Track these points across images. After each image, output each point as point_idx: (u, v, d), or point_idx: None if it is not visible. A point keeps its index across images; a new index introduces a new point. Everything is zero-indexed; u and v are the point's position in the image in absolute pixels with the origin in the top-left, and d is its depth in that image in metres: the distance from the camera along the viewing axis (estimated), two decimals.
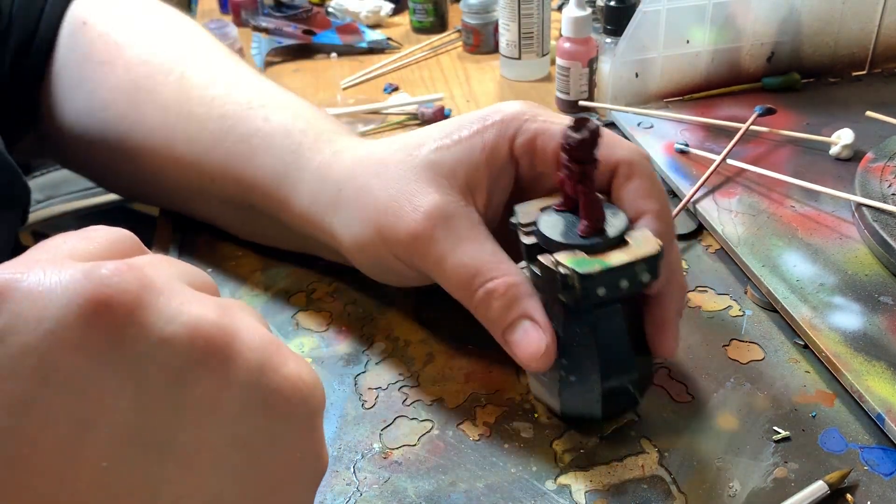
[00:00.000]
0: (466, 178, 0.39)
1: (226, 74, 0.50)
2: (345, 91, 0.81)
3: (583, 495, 0.36)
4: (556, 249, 0.35)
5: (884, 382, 0.39)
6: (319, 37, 0.90)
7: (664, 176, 0.58)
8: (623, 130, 0.65)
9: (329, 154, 0.44)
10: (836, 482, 0.36)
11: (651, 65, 0.67)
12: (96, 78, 0.52)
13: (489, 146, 0.39)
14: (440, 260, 0.38)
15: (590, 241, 0.35)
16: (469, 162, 0.39)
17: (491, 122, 0.40)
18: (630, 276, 0.34)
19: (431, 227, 0.38)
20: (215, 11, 1.07)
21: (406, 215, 0.38)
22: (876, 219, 0.49)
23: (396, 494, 0.37)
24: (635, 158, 0.38)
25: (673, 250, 0.38)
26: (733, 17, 0.67)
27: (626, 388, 0.38)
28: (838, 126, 0.60)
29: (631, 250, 0.34)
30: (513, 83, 0.80)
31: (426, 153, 0.40)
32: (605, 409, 0.38)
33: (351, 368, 0.44)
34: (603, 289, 0.34)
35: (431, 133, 0.41)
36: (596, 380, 0.37)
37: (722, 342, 0.44)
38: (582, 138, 0.33)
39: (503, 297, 0.36)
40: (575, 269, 0.33)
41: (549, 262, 0.34)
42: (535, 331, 0.36)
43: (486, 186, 0.40)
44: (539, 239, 0.36)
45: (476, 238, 0.38)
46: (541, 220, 0.37)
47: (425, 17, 0.93)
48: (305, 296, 0.50)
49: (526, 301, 0.36)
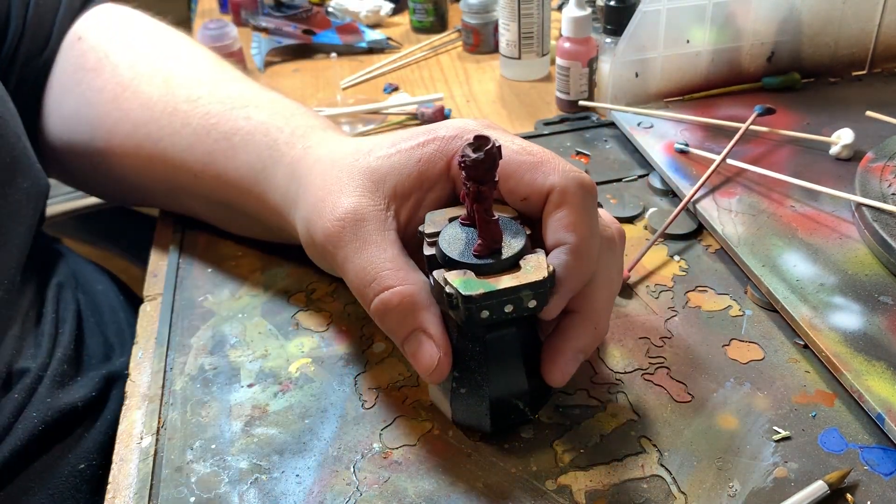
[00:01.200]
0: (395, 185, 0.39)
1: (210, 76, 0.51)
2: (345, 91, 0.81)
3: (583, 495, 0.36)
4: (449, 266, 0.34)
5: (884, 382, 0.39)
6: (319, 37, 0.90)
7: (664, 176, 0.58)
8: (623, 130, 0.65)
9: (300, 149, 0.44)
10: (836, 482, 0.36)
11: (651, 64, 0.67)
12: (85, 82, 0.54)
13: (425, 159, 0.39)
14: (343, 262, 0.38)
15: (482, 262, 0.34)
16: (401, 171, 0.39)
17: (434, 136, 0.40)
18: (515, 302, 0.33)
19: (340, 227, 0.38)
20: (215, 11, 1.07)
21: (325, 215, 0.38)
22: (876, 219, 0.49)
23: (396, 494, 0.37)
24: (569, 186, 0.36)
25: (597, 291, 0.37)
26: (733, 17, 0.67)
27: (515, 405, 0.38)
28: (838, 126, 0.60)
29: (520, 275, 0.34)
30: (513, 83, 0.80)
31: (371, 160, 0.40)
32: (493, 422, 0.38)
33: (351, 368, 0.44)
34: (486, 311, 0.33)
35: (384, 141, 0.41)
36: (485, 395, 0.37)
37: (722, 342, 0.44)
38: (476, 158, 0.32)
39: (397, 309, 0.36)
40: (458, 290, 0.33)
41: (440, 279, 0.34)
42: (428, 344, 0.36)
43: (414, 197, 0.39)
44: (437, 252, 0.35)
45: (380, 243, 0.37)
46: (444, 232, 0.36)
47: (425, 16, 0.93)
48: (305, 296, 0.50)
49: (421, 314, 0.36)
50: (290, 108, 0.49)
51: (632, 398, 0.41)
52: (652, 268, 0.50)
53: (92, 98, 0.53)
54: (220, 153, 0.47)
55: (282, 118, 0.47)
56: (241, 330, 0.47)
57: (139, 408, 0.43)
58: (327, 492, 0.37)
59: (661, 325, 0.46)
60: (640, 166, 0.62)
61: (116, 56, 0.54)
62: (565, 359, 0.37)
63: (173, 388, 0.44)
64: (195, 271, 0.52)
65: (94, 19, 0.58)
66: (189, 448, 0.40)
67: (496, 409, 0.37)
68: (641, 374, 0.43)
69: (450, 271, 0.34)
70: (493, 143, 0.33)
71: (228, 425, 0.41)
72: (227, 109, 0.48)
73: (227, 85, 0.51)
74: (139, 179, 0.53)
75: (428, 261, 0.36)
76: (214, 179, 0.48)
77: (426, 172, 0.39)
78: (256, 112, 0.48)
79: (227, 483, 0.38)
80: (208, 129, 0.48)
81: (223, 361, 0.45)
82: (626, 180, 0.60)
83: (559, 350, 0.37)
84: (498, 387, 0.37)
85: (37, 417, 0.46)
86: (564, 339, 0.37)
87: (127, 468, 0.39)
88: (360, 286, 0.37)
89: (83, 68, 0.54)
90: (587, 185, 0.37)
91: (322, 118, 0.49)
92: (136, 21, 0.58)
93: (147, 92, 0.51)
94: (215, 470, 0.39)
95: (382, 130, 0.72)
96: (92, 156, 0.54)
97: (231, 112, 0.48)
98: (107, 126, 0.52)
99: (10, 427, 0.46)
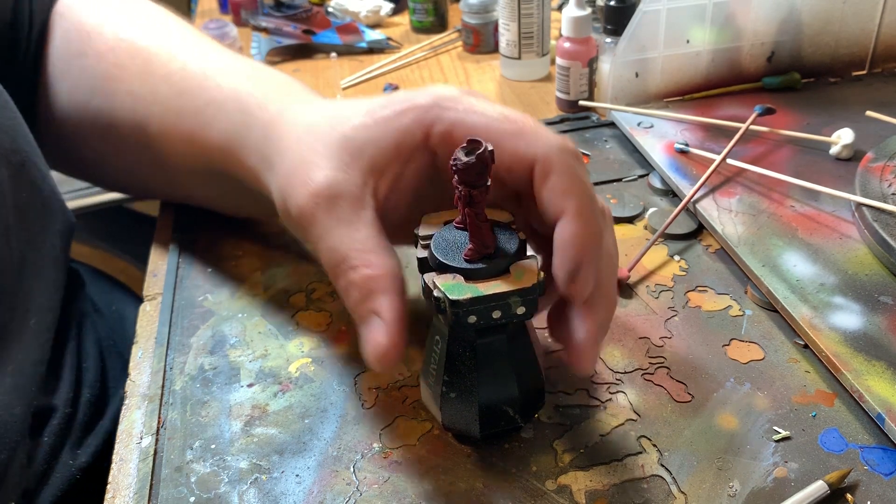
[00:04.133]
0: (371, 158, 0.37)
1: (184, 49, 0.51)
2: (345, 91, 0.81)
3: (583, 495, 0.36)
4: (440, 269, 0.34)
5: (884, 382, 0.39)
6: (319, 36, 0.90)
7: (665, 176, 0.58)
8: (623, 130, 0.65)
9: (274, 112, 0.43)
10: (836, 482, 0.36)
11: (651, 64, 0.67)
12: (73, 72, 0.53)
13: (402, 129, 0.37)
14: (316, 240, 0.37)
15: (473, 266, 0.34)
16: (378, 143, 0.37)
17: (410, 105, 0.37)
18: (503, 307, 0.33)
19: (314, 205, 0.36)
20: (215, 11, 1.07)
21: (297, 189, 0.37)
22: (876, 219, 0.49)
23: (396, 494, 0.37)
24: (552, 154, 0.35)
25: (602, 256, 0.35)
26: (733, 17, 0.67)
27: (505, 412, 0.37)
28: (838, 126, 0.60)
29: (509, 280, 0.33)
30: (513, 83, 0.80)
31: (347, 128, 0.38)
32: (483, 427, 0.37)
33: (351, 368, 0.44)
34: (474, 317, 0.33)
35: (361, 108, 0.39)
36: (474, 401, 0.36)
37: (722, 342, 0.44)
38: (468, 162, 0.32)
39: (359, 289, 0.35)
40: (446, 294, 0.33)
41: (429, 282, 0.34)
42: (378, 330, 0.34)
43: (392, 171, 0.38)
44: (429, 255, 0.35)
45: (353, 223, 0.36)
46: (438, 235, 0.35)
47: (425, 16, 0.93)
48: (305, 296, 0.50)
49: (380, 297, 0.34)
50: (263, 73, 0.47)
51: (632, 398, 0.41)
52: (652, 268, 0.50)
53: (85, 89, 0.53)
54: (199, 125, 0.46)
55: (252, 83, 0.46)
56: (240, 330, 0.47)
57: (139, 407, 0.43)
58: (327, 492, 0.37)
59: (661, 325, 0.46)
60: (640, 166, 0.62)
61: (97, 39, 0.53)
62: (590, 341, 0.35)
63: (173, 387, 0.44)
64: (195, 271, 0.52)
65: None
66: (189, 448, 0.40)
67: (486, 415, 0.37)
68: (641, 374, 0.43)
69: (440, 275, 0.34)
70: (485, 148, 0.32)
71: (228, 425, 0.41)
72: (200, 81, 0.47)
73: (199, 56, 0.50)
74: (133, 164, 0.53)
75: (420, 263, 0.35)
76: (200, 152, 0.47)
77: (404, 144, 0.37)
78: (226, 79, 0.46)
79: (227, 483, 0.38)
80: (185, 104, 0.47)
81: (223, 361, 0.45)
82: (627, 180, 0.60)
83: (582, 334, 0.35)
84: (488, 393, 0.36)
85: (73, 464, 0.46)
86: (583, 321, 0.35)
87: (127, 468, 0.39)
88: (330, 265, 0.36)
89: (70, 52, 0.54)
90: (571, 149, 0.35)
91: (302, 85, 0.47)
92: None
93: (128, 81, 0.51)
94: (215, 470, 0.39)
95: None
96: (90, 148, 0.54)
97: (203, 83, 0.47)
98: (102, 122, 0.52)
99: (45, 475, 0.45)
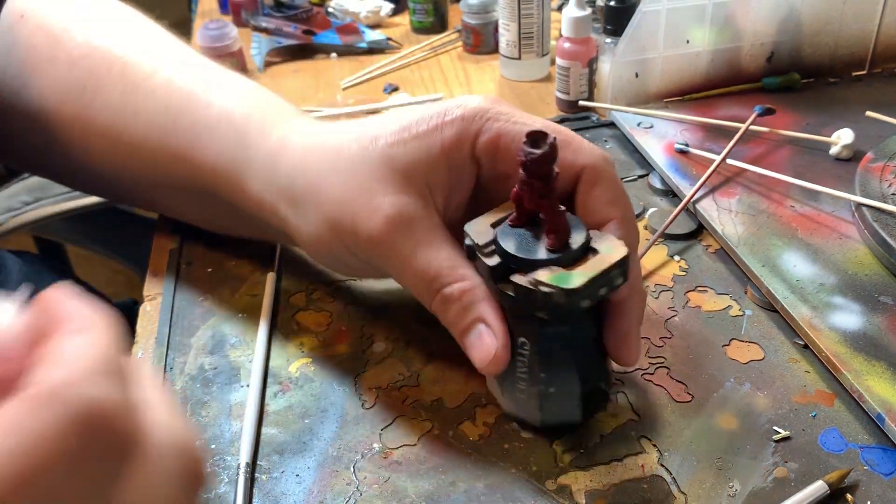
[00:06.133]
0: (426, 177, 0.38)
1: (166, 62, 0.49)
2: (345, 91, 0.81)
3: (583, 495, 0.36)
4: (527, 268, 0.34)
5: (884, 382, 0.39)
6: (319, 37, 0.90)
7: (664, 176, 0.58)
8: (623, 130, 0.65)
9: (277, 139, 0.42)
10: (836, 482, 0.35)
11: (651, 65, 0.67)
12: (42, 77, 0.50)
13: (448, 144, 0.38)
14: (400, 265, 0.38)
15: (563, 255, 0.34)
16: (427, 160, 0.38)
17: (451, 118, 0.38)
18: (608, 283, 0.34)
19: (391, 232, 0.37)
20: (215, 11, 1.07)
21: (365, 217, 0.37)
22: (876, 219, 0.49)
23: (396, 494, 0.37)
24: (599, 164, 0.37)
25: (635, 258, 0.38)
26: (733, 17, 0.67)
27: (600, 388, 0.38)
28: (838, 126, 0.60)
29: (602, 257, 0.34)
30: (513, 83, 0.80)
31: (382, 147, 0.38)
32: (584, 412, 0.38)
33: (351, 368, 0.44)
34: (587, 300, 0.34)
35: (387, 124, 0.39)
36: (576, 388, 0.37)
37: (722, 342, 0.44)
38: (543, 153, 0.32)
39: (459, 302, 0.37)
40: (559, 286, 0.33)
41: (528, 283, 0.34)
42: (488, 335, 0.36)
43: (445, 186, 0.39)
44: (506, 259, 0.35)
45: (433, 242, 0.37)
46: (500, 239, 0.36)
47: (425, 17, 0.93)
48: (305, 296, 0.50)
49: (480, 305, 0.36)
50: (254, 93, 0.46)
51: (632, 398, 0.41)
52: (652, 268, 0.50)
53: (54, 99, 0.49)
54: (187, 145, 0.45)
55: (246, 105, 0.45)
56: (241, 330, 0.47)
57: None
58: (327, 492, 0.37)
59: (661, 325, 0.46)
60: (640, 166, 0.62)
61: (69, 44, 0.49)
62: (634, 333, 0.37)
63: (173, 387, 0.44)
64: (195, 271, 0.52)
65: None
66: None
67: (586, 399, 0.38)
68: (641, 374, 0.43)
69: (528, 273, 0.34)
70: (553, 137, 0.33)
71: (228, 425, 0.41)
72: (186, 99, 0.46)
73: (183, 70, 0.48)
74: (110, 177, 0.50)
75: (491, 272, 0.35)
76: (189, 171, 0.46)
77: (453, 159, 0.38)
78: (216, 99, 0.45)
79: (227, 483, 0.38)
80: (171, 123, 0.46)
81: (223, 361, 0.45)
82: (627, 180, 0.60)
83: (626, 327, 0.37)
84: (586, 376, 0.37)
85: None
86: (627, 315, 0.37)
87: None
88: (421, 287, 0.38)
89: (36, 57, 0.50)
90: (610, 160, 0.38)
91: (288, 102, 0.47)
92: None
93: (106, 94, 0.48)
94: (215, 470, 0.39)
95: None
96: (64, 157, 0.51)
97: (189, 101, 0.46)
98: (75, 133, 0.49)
99: None
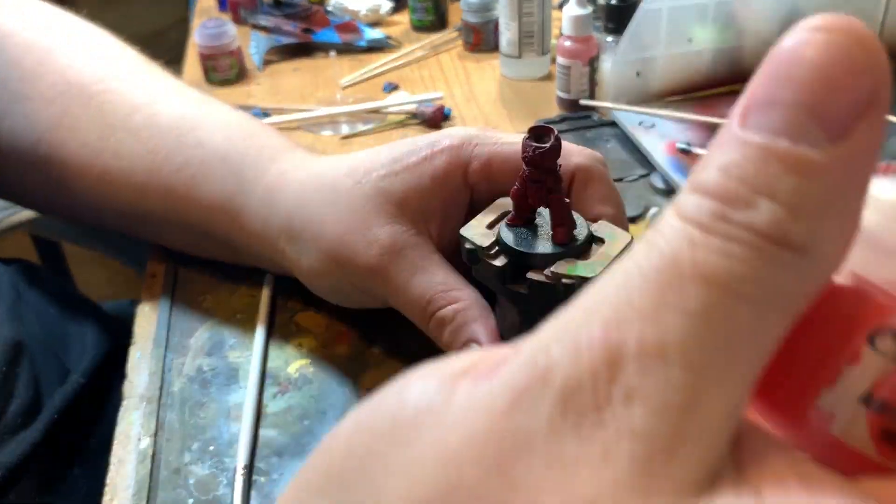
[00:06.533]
0: (419, 206, 0.39)
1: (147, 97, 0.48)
2: (344, 90, 0.80)
3: None
4: (540, 263, 0.34)
5: None
6: (319, 35, 0.90)
7: (666, 175, 0.58)
8: (624, 129, 0.65)
9: (274, 175, 0.43)
10: None
11: (652, 63, 0.67)
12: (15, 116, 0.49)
13: (440, 173, 0.39)
14: (396, 291, 0.39)
15: (573, 246, 0.35)
16: (419, 190, 0.39)
17: (440, 148, 0.40)
18: None
19: (386, 262, 0.39)
20: (214, 10, 1.06)
21: (362, 250, 0.39)
22: None
23: None
24: (592, 164, 0.39)
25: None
26: (735, 16, 0.66)
27: None
28: None
29: (609, 244, 0.35)
30: (513, 82, 0.80)
31: (375, 180, 0.40)
32: None
33: (350, 370, 0.44)
34: None
35: (379, 158, 0.41)
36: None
37: None
38: (551, 146, 0.33)
39: (451, 323, 0.38)
40: (582, 276, 0.33)
41: (546, 277, 0.34)
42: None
43: (439, 213, 0.40)
44: (515, 257, 0.35)
45: (428, 268, 0.39)
46: (501, 239, 0.36)
47: (425, 15, 0.93)
48: (304, 296, 0.49)
49: (472, 325, 0.37)
50: (245, 127, 0.46)
51: None
52: None
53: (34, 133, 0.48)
54: (179, 185, 0.45)
55: (240, 141, 0.45)
56: (239, 331, 0.47)
57: (137, 409, 0.42)
58: None
59: None
60: (642, 166, 0.61)
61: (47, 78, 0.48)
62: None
63: (171, 389, 0.43)
64: (194, 271, 0.52)
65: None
66: (187, 449, 0.40)
67: None
68: None
69: (547, 267, 0.34)
70: (555, 130, 0.33)
71: (227, 426, 0.41)
72: (174, 139, 0.45)
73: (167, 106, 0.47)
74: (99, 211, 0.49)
75: (499, 273, 0.35)
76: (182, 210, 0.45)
77: (446, 186, 0.40)
78: (208, 136, 0.45)
79: (226, 485, 0.38)
80: (159, 164, 0.45)
81: (222, 362, 0.45)
82: (628, 180, 0.60)
83: None
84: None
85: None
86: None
87: (125, 470, 0.39)
88: (417, 311, 0.39)
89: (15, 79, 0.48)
90: (602, 160, 0.40)
91: (279, 134, 0.47)
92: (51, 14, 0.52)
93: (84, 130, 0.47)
94: (214, 472, 0.38)
95: (382, 130, 0.71)
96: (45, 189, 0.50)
97: (179, 141, 0.45)
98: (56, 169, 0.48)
99: None
